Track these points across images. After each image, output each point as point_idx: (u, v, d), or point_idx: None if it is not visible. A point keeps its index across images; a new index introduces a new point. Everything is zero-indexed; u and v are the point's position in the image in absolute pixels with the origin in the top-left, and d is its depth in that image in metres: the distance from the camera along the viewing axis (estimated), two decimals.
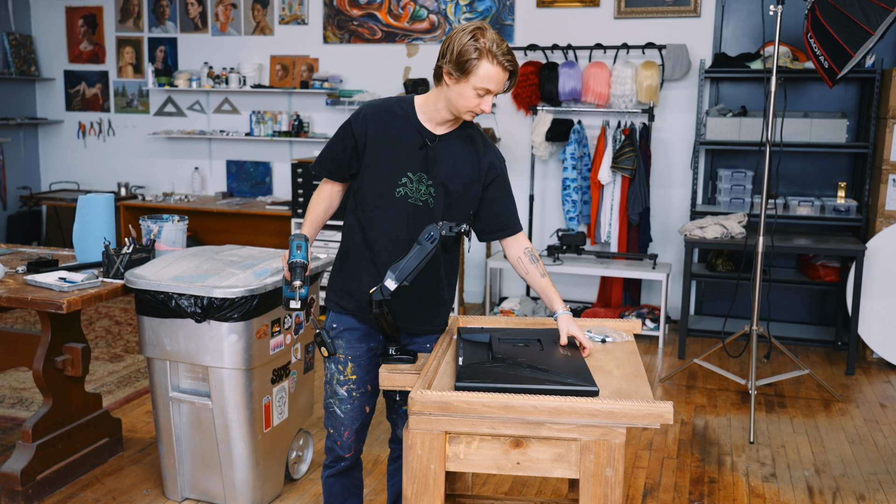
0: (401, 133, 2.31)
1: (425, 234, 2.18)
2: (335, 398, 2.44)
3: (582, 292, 6.08)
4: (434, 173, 2.31)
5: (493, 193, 2.39)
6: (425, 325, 2.45)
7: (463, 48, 2.16)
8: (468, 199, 2.36)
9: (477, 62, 2.15)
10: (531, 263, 2.42)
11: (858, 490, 3.38)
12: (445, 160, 2.32)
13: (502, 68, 2.18)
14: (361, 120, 2.32)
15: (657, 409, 1.87)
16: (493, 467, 1.97)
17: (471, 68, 2.16)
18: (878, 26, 3.90)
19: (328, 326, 2.44)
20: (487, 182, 2.38)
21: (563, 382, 1.97)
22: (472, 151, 2.35)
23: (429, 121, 2.33)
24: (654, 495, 3.31)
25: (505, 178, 2.43)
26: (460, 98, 2.21)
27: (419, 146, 2.31)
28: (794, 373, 4.40)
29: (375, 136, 2.31)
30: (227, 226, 6.57)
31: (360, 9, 6.32)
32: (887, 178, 5.02)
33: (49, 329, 3.14)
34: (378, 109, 2.34)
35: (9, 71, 7.02)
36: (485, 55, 2.15)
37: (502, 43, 2.18)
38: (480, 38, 2.16)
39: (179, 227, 3.41)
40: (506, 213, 2.43)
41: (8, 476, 3.06)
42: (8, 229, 7.10)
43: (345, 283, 2.42)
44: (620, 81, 5.57)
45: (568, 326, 2.32)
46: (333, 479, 2.51)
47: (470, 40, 2.15)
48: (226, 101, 6.80)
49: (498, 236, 2.45)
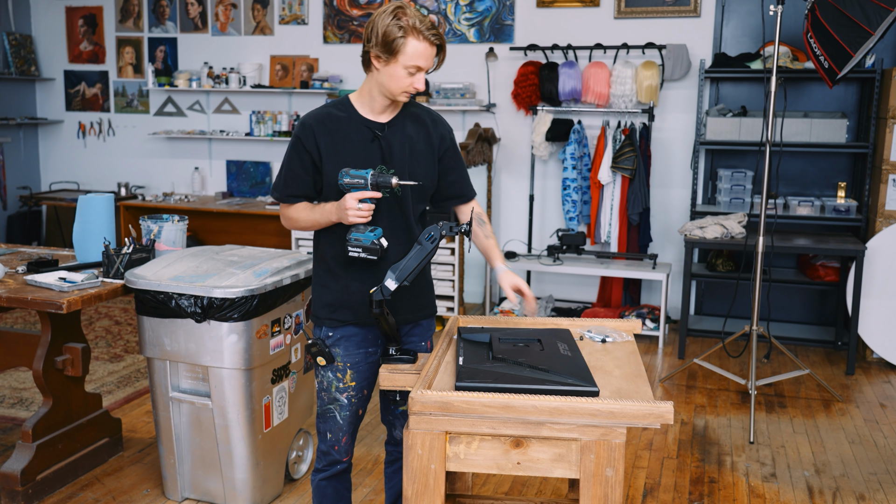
0: (349, 133, 2.31)
1: (426, 235, 2.18)
2: (335, 404, 2.42)
3: (582, 292, 6.08)
4: (393, 162, 2.31)
5: (447, 164, 2.43)
6: (422, 310, 2.47)
7: (387, 29, 2.16)
8: (429, 178, 2.38)
9: (403, 40, 2.16)
10: (478, 226, 2.45)
11: (858, 490, 3.38)
12: (400, 145, 2.32)
13: (429, 43, 2.18)
14: (309, 133, 2.30)
15: (657, 409, 1.87)
16: (494, 467, 1.97)
17: (398, 47, 2.16)
18: (878, 26, 3.90)
19: (323, 336, 2.42)
20: (440, 154, 2.41)
21: (563, 382, 1.97)
22: (421, 128, 2.37)
23: (370, 112, 2.32)
24: (654, 495, 3.31)
25: (455, 147, 2.46)
26: (392, 80, 2.21)
27: (371, 140, 2.31)
28: (794, 373, 4.40)
29: (327, 144, 2.29)
30: (227, 226, 6.57)
31: (360, 9, 6.32)
32: (887, 178, 5.02)
33: (49, 329, 3.14)
34: (320, 118, 2.33)
35: (9, 71, 7.03)
36: (410, 32, 2.16)
37: (425, 18, 2.19)
38: (402, 16, 2.16)
39: (179, 227, 3.41)
40: (460, 181, 2.46)
41: (8, 476, 3.06)
42: (8, 229, 7.11)
43: (336, 296, 2.39)
44: (620, 81, 5.57)
45: (510, 279, 2.37)
46: (326, 483, 2.50)
47: (392, 20, 2.16)
48: (226, 101, 6.80)
49: (452, 204, 2.48)
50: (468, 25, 6.08)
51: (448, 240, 5.31)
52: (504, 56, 6.00)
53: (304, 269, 3.09)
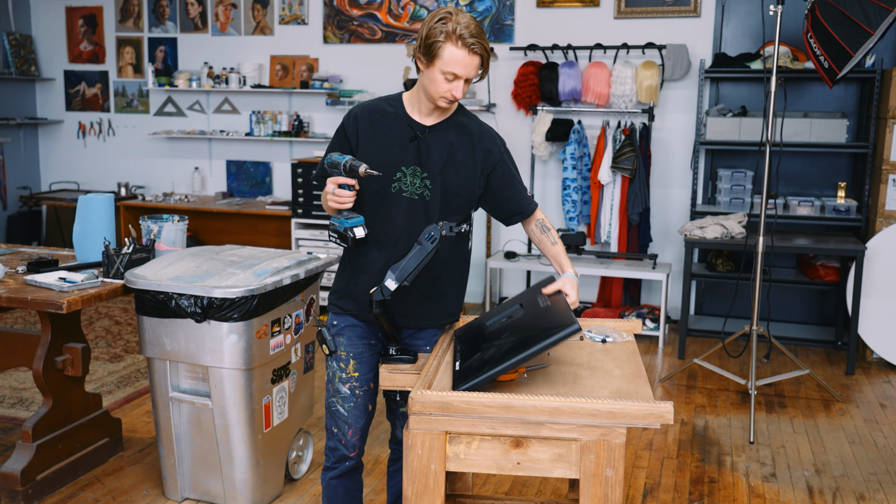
0: (391, 128, 2.31)
1: (425, 235, 2.17)
2: (337, 396, 2.42)
3: (582, 292, 6.08)
4: (428, 165, 2.29)
5: (499, 181, 2.38)
6: (426, 319, 2.43)
7: (430, 31, 2.15)
8: (466, 189, 2.34)
9: (442, 45, 2.14)
10: (542, 234, 2.44)
11: (858, 490, 3.38)
12: (438, 151, 2.30)
13: (468, 51, 2.15)
14: (352, 121, 2.34)
15: (657, 410, 1.87)
16: (494, 467, 1.97)
17: (436, 51, 2.15)
18: (878, 26, 3.90)
19: (328, 324, 2.43)
20: (489, 170, 2.36)
21: (547, 338, 1.98)
22: (466, 139, 2.34)
23: (417, 113, 2.32)
24: (654, 495, 3.31)
25: (507, 162, 2.40)
26: (431, 83, 2.21)
27: (410, 139, 2.30)
28: (794, 373, 4.40)
29: (366, 135, 2.31)
30: (227, 226, 6.56)
31: (360, 9, 6.32)
32: (887, 178, 5.02)
33: (49, 329, 3.14)
34: (368, 108, 2.35)
35: (9, 71, 7.02)
36: (450, 38, 2.14)
37: (472, 26, 2.15)
38: (448, 21, 2.14)
39: (179, 227, 3.41)
40: (517, 197, 2.42)
41: (8, 476, 3.06)
42: (8, 229, 7.11)
43: (343, 284, 2.43)
44: (620, 81, 5.57)
45: (563, 283, 2.30)
46: (337, 482, 2.48)
47: (438, 23, 2.15)
48: (226, 101, 6.80)
49: (516, 220, 2.46)
50: None
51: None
52: (504, 56, 6.00)
53: (304, 269, 3.09)
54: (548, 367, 2.18)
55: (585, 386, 2.05)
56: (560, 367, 2.19)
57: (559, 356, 2.28)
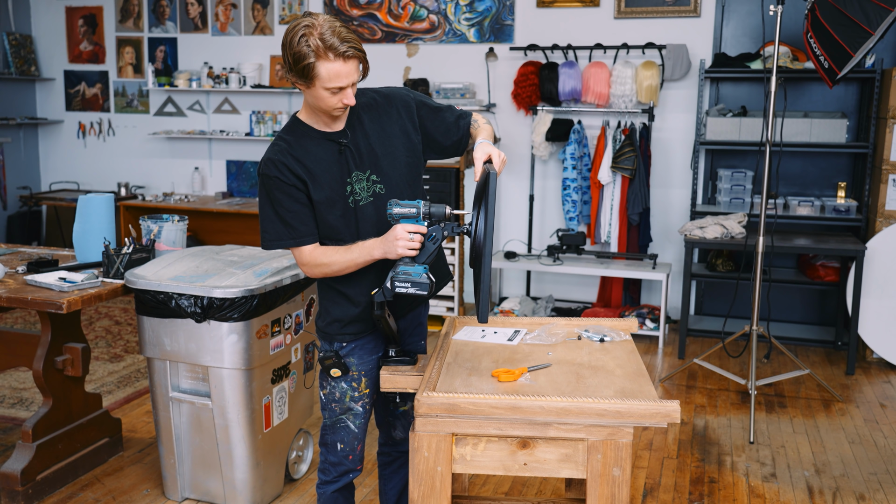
0: (318, 154, 2.16)
1: (427, 236, 2.17)
2: (349, 414, 2.36)
3: (582, 292, 6.08)
4: (365, 164, 2.20)
5: (431, 121, 2.28)
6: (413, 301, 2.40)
7: (297, 54, 1.97)
8: (411, 153, 2.26)
9: (315, 64, 1.97)
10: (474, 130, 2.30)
11: (858, 490, 3.38)
12: (365, 144, 2.20)
13: (343, 60, 1.98)
14: (282, 167, 2.13)
15: (665, 409, 1.87)
16: (500, 468, 1.97)
17: (311, 72, 1.98)
18: (878, 26, 3.90)
19: (335, 349, 2.34)
20: (416, 120, 2.26)
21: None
22: (379, 115, 2.23)
23: (324, 126, 2.18)
24: (654, 495, 3.31)
25: (424, 103, 2.28)
26: (320, 101, 2.06)
27: (339, 152, 2.18)
28: (794, 373, 4.40)
29: (306, 174, 2.15)
30: (227, 226, 6.56)
31: (360, 9, 6.32)
32: (887, 178, 5.02)
33: (49, 329, 3.13)
34: (283, 152, 2.15)
35: (9, 71, 7.02)
36: (320, 54, 1.96)
37: (336, 28, 1.98)
38: (311, 35, 1.96)
39: (179, 227, 3.40)
40: (453, 119, 2.30)
41: (8, 476, 3.06)
42: (8, 229, 7.10)
43: (343, 311, 2.30)
44: (620, 81, 5.57)
45: (482, 150, 2.12)
46: (338, 494, 2.43)
47: (301, 42, 1.96)
48: (226, 101, 6.80)
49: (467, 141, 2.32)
50: (468, 25, 6.08)
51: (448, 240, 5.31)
52: (504, 56, 5.99)
53: None
54: (550, 367, 2.18)
55: (589, 385, 2.05)
56: (562, 367, 2.19)
57: (560, 356, 2.28)
